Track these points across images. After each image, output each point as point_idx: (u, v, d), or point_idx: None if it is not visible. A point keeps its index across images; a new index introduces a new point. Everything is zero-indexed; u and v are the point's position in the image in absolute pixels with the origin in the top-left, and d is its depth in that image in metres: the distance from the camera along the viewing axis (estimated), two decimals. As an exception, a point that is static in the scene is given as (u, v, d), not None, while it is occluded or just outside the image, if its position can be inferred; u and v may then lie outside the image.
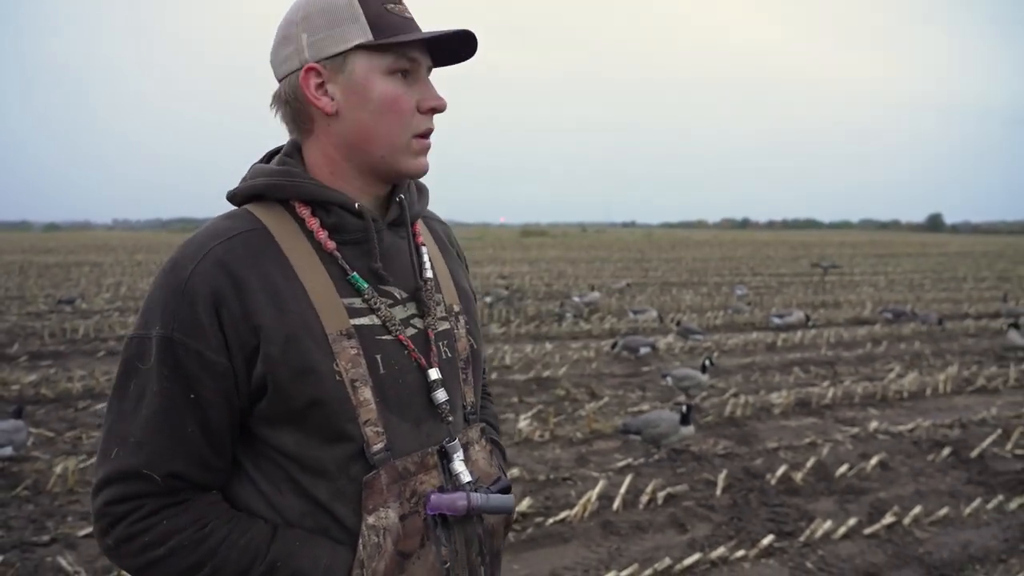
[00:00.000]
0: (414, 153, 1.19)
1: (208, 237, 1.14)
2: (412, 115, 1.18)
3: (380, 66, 1.15)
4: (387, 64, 1.15)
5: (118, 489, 1.08)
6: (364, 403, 1.12)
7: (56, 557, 3.96)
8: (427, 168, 1.23)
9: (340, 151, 1.19)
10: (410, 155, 1.19)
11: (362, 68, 1.15)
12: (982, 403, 7.66)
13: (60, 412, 6.87)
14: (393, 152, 1.18)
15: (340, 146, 1.19)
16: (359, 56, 1.14)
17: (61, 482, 5.01)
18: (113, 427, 1.10)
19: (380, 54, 1.15)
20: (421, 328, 1.23)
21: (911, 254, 41.62)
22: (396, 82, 1.16)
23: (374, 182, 1.22)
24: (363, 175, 1.21)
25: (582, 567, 3.98)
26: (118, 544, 1.09)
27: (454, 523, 1.18)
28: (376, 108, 1.15)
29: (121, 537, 1.08)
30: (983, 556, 4.19)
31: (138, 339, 1.11)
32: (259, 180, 1.20)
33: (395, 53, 1.15)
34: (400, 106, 1.16)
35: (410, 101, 1.17)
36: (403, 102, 1.16)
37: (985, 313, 14.98)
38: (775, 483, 5.22)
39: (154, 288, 1.13)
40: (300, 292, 1.12)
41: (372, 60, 1.15)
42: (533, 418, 6.77)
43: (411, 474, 1.15)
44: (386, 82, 1.15)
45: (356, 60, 1.14)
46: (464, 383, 1.29)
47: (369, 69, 1.15)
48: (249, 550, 1.09)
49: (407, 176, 1.23)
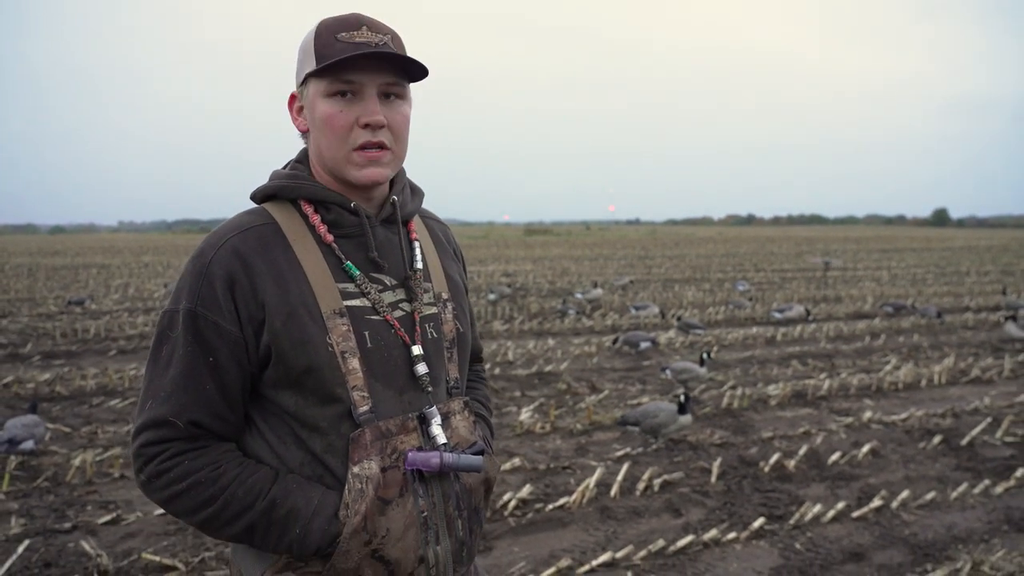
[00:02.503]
0: (357, 164, 1.36)
1: (228, 230, 1.36)
2: (350, 130, 1.34)
3: (320, 90, 1.34)
4: (324, 87, 1.34)
5: (150, 434, 1.30)
6: (352, 371, 1.32)
7: (79, 542, 4.15)
8: (378, 177, 1.37)
9: (316, 162, 1.42)
10: (352, 166, 1.36)
11: (311, 92, 1.36)
12: (976, 393, 7.81)
13: (75, 408, 7.07)
14: (336, 163, 1.37)
15: (314, 158, 1.42)
16: (311, 83, 1.35)
17: (80, 474, 5.21)
18: (149, 384, 1.33)
19: (320, 79, 1.34)
20: (408, 311, 1.43)
21: (915, 249, 41.66)
22: (334, 102, 1.34)
23: (346, 187, 1.41)
24: (337, 181, 1.41)
25: (580, 549, 4.16)
26: (149, 479, 1.31)
27: (431, 479, 1.37)
28: (319, 125, 1.36)
29: (151, 473, 1.30)
30: (966, 537, 4.35)
31: (169, 312, 1.33)
32: (273, 182, 1.43)
33: (330, 76, 1.33)
34: (334, 123, 1.34)
35: (347, 118, 1.34)
36: (337, 119, 1.34)
37: (985, 306, 15.09)
38: (768, 470, 5.38)
39: (184, 271, 1.35)
40: (301, 276, 1.33)
41: (317, 85, 1.35)
42: (535, 411, 6.94)
43: (392, 434, 1.35)
44: (325, 103, 1.34)
45: (309, 86, 1.36)
46: (449, 361, 1.48)
47: (315, 93, 1.35)
48: (254, 489, 1.30)
49: (355, 185, 1.39)
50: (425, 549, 1.35)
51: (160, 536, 4.27)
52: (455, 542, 1.41)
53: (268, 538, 1.30)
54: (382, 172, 1.38)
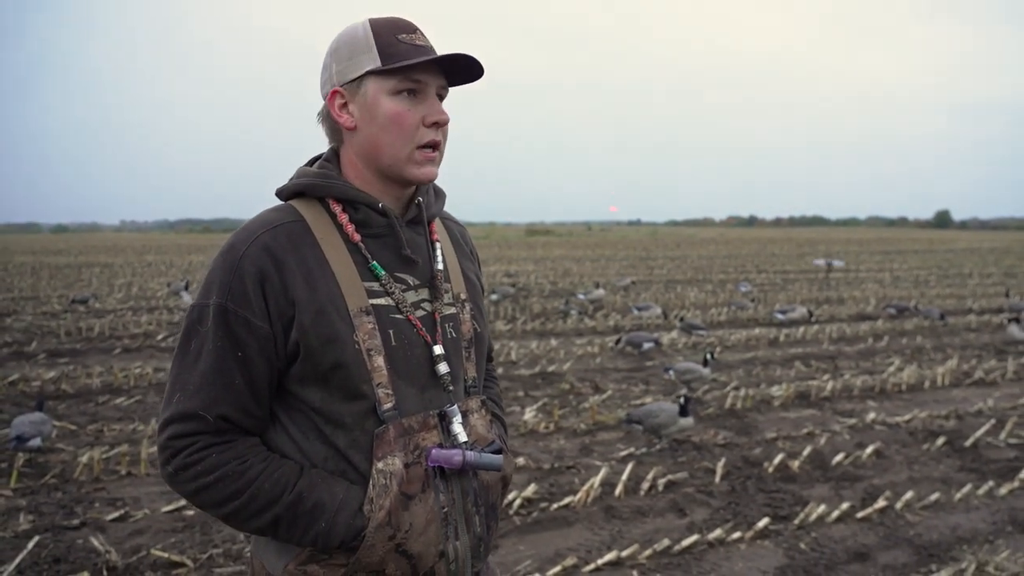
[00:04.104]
0: (417, 163, 1.40)
1: (258, 226, 1.37)
2: (416, 129, 1.38)
3: (386, 87, 1.36)
4: (392, 85, 1.36)
5: (178, 427, 1.31)
6: (377, 369, 1.34)
7: (88, 538, 4.18)
8: (433, 176, 1.43)
9: (361, 159, 1.42)
10: (413, 164, 1.40)
11: (372, 90, 1.37)
12: (979, 395, 7.82)
13: (81, 406, 7.10)
14: (397, 161, 1.39)
15: (360, 155, 1.42)
16: (370, 80, 1.36)
17: (87, 471, 5.23)
18: (177, 378, 1.34)
19: (386, 77, 1.36)
20: (429, 311, 1.45)
21: (918, 251, 41.64)
22: (401, 100, 1.37)
23: (391, 185, 1.44)
24: (381, 180, 1.43)
25: (585, 548, 4.18)
26: (176, 472, 1.32)
27: (452, 475, 1.39)
28: (382, 123, 1.37)
29: (179, 466, 1.31)
30: (971, 538, 4.37)
31: (199, 307, 1.34)
32: (302, 180, 1.44)
33: (399, 75, 1.36)
34: (402, 121, 1.37)
35: (414, 117, 1.37)
36: (406, 118, 1.37)
37: (988, 308, 15.10)
38: (772, 471, 5.40)
39: (213, 266, 1.36)
40: (329, 274, 1.35)
41: (380, 83, 1.36)
42: (538, 411, 6.96)
43: (415, 431, 1.37)
44: (392, 101, 1.36)
45: (368, 83, 1.37)
46: (467, 360, 1.50)
47: (377, 90, 1.36)
48: (280, 483, 1.32)
49: (413, 182, 1.43)
50: (445, 544, 1.38)
51: (168, 533, 4.30)
52: (473, 538, 1.43)
53: (293, 531, 1.32)
54: (435, 171, 1.43)
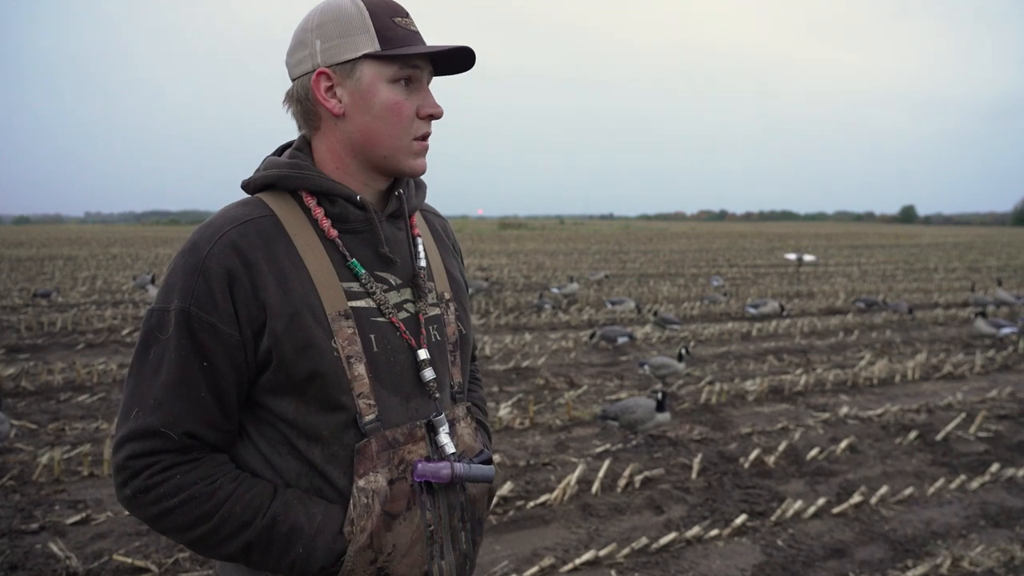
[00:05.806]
0: (413, 154, 1.30)
1: (224, 222, 1.24)
2: (412, 120, 1.28)
3: (385, 74, 1.25)
4: (391, 73, 1.25)
5: (138, 445, 1.18)
6: (358, 377, 1.23)
7: (47, 543, 4.02)
8: (425, 168, 1.33)
9: (346, 149, 1.29)
10: (410, 156, 1.30)
11: (369, 75, 1.24)
12: (948, 389, 7.91)
13: (42, 404, 6.87)
14: (395, 153, 1.29)
15: (346, 144, 1.29)
16: (367, 64, 1.24)
17: (47, 472, 5.05)
18: (135, 390, 1.21)
19: (386, 63, 1.25)
20: (413, 312, 1.34)
21: (884, 245, 42.28)
22: (398, 89, 1.26)
23: (376, 177, 1.33)
24: (366, 171, 1.32)
25: (562, 547, 4.12)
26: (136, 495, 1.19)
27: (438, 490, 1.29)
28: (379, 112, 1.26)
29: (139, 488, 1.18)
30: (945, 532, 4.39)
31: (159, 312, 1.21)
32: (271, 171, 1.30)
33: (400, 63, 1.25)
34: (401, 111, 1.26)
35: (411, 107, 1.27)
36: (404, 108, 1.27)
37: (954, 303, 15.33)
38: (748, 466, 5.39)
39: (174, 266, 1.22)
40: (304, 275, 1.23)
41: (378, 68, 1.25)
42: (513, 406, 6.89)
43: (400, 444, 1.26)
44: (389, 89, 1.25)
45: (364, 68, 1.24)
46: (452, 364, 1.40)
47: (375, 76, 1.25)
48: (253, 505, 1.20)
49: (407, 175, 1.33)
50: (431, 564, 1.28)
51: (132, 536, 4.15)
52: (459, 555, 1.34)
53: (267, 558, 1.21)
54: (425, 163, 1.33)
